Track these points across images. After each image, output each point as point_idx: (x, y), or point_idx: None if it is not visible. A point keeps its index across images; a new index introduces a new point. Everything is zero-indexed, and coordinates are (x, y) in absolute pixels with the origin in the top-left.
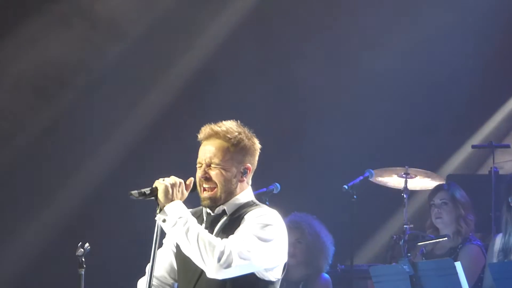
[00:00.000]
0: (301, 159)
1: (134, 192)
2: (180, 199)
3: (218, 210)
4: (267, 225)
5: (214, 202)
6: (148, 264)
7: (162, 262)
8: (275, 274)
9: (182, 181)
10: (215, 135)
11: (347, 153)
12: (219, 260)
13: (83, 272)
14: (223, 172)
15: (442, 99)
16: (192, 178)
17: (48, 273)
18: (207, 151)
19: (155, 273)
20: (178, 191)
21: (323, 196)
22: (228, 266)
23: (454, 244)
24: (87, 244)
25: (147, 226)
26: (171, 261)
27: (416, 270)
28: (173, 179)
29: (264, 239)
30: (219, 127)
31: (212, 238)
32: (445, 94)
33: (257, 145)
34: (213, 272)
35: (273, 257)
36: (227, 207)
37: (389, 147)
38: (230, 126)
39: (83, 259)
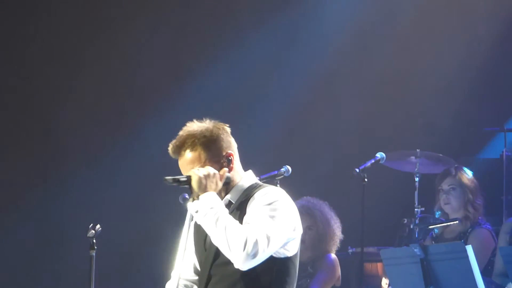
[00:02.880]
0: (313, 141)
1: (169, 178)
2: (214, 190)
3: (225, 201)
4: (273, 201)
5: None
6: (174, 270)
7: (187, 264)
8: (290, 249)
9: (216, 172)
10: (181, 147)
11: (359, 136)
12: (246, 250)
13: (94, 254)
14: None
15: (453, 82)
16: (225, 169)
17: (59, 254)
18: (184, 167)
19: (182, 275)
20: (212, 182)
21: (334, 179)
22: (255, 255)
23: (463, 228)
24: (98, 226)
25: (160, 209)
26: (194, 260)
27: (427, 254)
28: (207, 170)
29: (275, 216)
30: (180, 137)
31: (240, 228)
32: (457, 78)
33: (224, 126)
34: (240, 262)
35: (286, 232)
36: (231, 196)
37: (400, 130)
38: (189, 130)
39: (94, 241)
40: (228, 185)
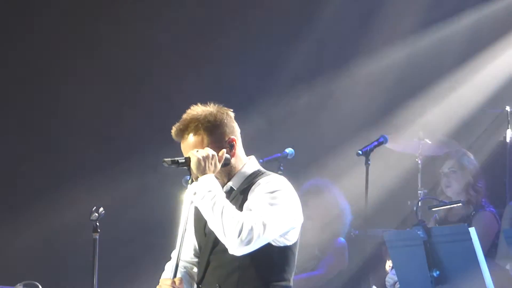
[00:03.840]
0: (316, 124)
1: (168, 159)
2: (213, 172)
3: (226, 188)
4: (275, 190)
5: (221, 186)
6: (174, 250)
7: (187, 245)
8: (290, 237)
9: (215, 153)
10: (184, 131)
11: (362, 118)
12: (240, 236)
13: (97, 237)
14: None
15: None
16: (224, 150)
17: (63, 238)
18: (186, 150)
19: (182, 257)
20: (211, 164)
21: (337, 161)
22: (249, 242)
23: (467, 211)
24: (101, 209)
25: (162, 194)
26: (194, 243)
27: (430, 236)
28: (206, 151)
29: (275, 204)
30: (184, 121)
31: (237, 214)
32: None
33: (228, 111)
34: (234, 248)
35: (286, 221)
36: (233, 183)
37: (403, 113)
38: (193, 113)
39: (98, 224)
40: (227, 166)
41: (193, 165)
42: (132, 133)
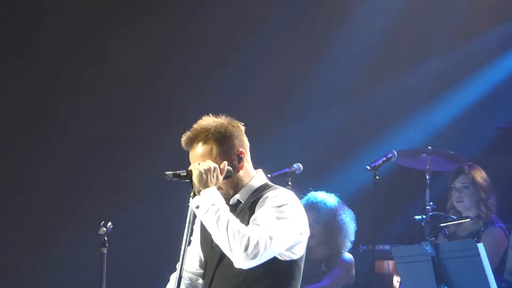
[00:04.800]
0: (324, 139)
1: (169, 172)
2: (215, 185)
3: (233, 200)
4: (283, 204)
5: (226, 198)
6: (179, 262)
7: (192, 256)
8: (297, 252)
9: (216, 166)
10: (194, 140)
11: (370, 133)
12: (246, 250)
13: (105, 251)
14: None
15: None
16: (225, 162)
17: (71, 251)
18: (194, 160)
19: (187, 268)
20: (213, 177)
21: (345, 176)
22: (255, 256)
23: (476, 227)
24: (109, 223)
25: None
26: (199, 254)
27: (438, 251)
28: (208, 164)
29: (283, 218)
30: (194, 130)
31: (242, 227)
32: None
33: (239, 125)
34: (240, 261)
35: (293, 235)
36: (240, 196)
37: (412, 128)
38: (204, 124)
39: (106, 238)
40: (229, 178)
41: (195, 178)
42: (143, 144)
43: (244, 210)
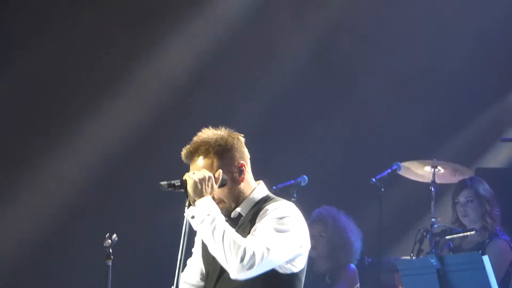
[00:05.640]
0: (329, 151)
1: (164, 183)
2: (210, 194)
3: (234, 214)
4: (283, 217)
5: (228, 211)
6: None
7: (193, 269)
8: (297, 264)
9: (211, 175)
10: (194, 153)
11: (375, 145)
12: (241, 261)
13: (110, 263)
14: None
15: (470, 92)
16: (220, 171)
17: (75, 263)
18: None
19: (188, 280)
20: (208, 186)
21: (351, 189)
22: (251, 267)
23: (481, 239)
24: (114, 235)
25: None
26: (201, 267)
27: (443, 264)
28: (202, 173)
29: (282, 230)
30: (194, 143)
31: (238, 238)
32: (473, 87)
33: (239, 137)
34: (235, 272)
35: (292, 248)
36: (241, 209)
37: (417, 140)
38: (204, 137)
39: (111, 250)
40: (224, 187)
41: (189, 188)
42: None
43: (245, 223)
